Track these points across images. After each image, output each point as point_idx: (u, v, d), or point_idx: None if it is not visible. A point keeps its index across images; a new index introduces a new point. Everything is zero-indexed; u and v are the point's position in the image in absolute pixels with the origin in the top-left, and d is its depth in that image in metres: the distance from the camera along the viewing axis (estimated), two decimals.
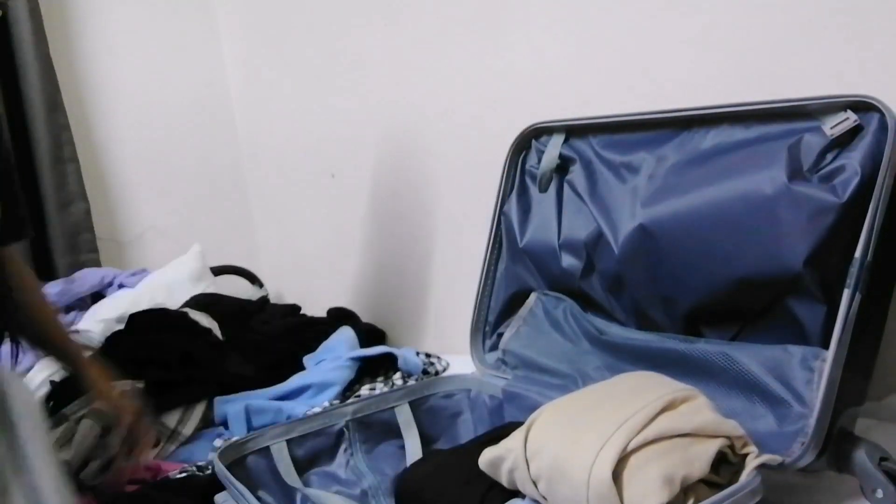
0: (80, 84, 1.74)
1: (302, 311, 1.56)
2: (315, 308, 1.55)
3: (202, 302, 1.44)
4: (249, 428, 1.05)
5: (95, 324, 1.39)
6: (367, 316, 1.52)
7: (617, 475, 0.57)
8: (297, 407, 1.09)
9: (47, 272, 1.72)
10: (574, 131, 0.98)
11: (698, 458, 0.58)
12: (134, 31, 1.81)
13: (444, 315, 1.43)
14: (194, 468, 0.93)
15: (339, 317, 1.46)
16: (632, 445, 0.58)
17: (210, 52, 1.95)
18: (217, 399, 1.12)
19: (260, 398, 1.13)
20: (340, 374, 1.15)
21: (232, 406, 1.09)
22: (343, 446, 0.92)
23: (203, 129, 1.94)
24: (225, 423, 1.09)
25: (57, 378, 1.09)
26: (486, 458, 0.68)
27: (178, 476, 0.91)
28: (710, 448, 0.59)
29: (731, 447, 0.61)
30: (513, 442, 0.66)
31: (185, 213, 1.89)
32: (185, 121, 1.91)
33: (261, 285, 1.79)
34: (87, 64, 1.74)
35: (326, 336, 1.34)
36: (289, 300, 1.85)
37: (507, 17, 1.19)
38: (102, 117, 1.78)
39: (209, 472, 0.90)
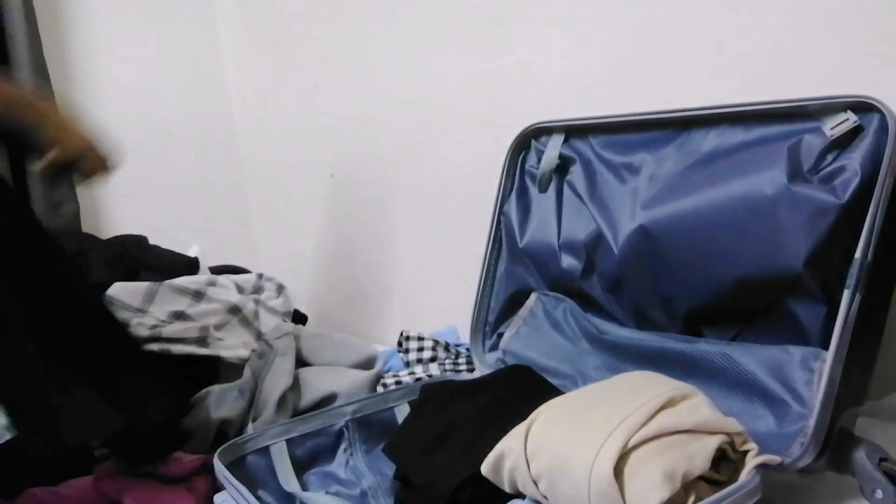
0: (75, 84, 1.73)
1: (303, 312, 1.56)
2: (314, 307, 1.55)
3: None
4: None
5: None
6: (366, 315, 1.52)
7: (618, 472, 0.57)
8: None
9: None
10: (574, 131, 0.98)
11: (699, 454, 0.58)
12: (133, 31, 1.81)
13: (444, 315, 1.43)
14: None
15: None
16: (632, 442, 0.58)
17: (210, 52, 1.95)
18: None
19: None
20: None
21: None
22: (343, 446, 0.91)
23: (202, 129, 1.94)
24: None
25: None
26: (488, 461, 0.68)
27: None
28: (710, 444, 0.59)
29: (731, 444, 0.61)
30: (513, 441, 0.66)
31: (185, 212, 1.89)
32: (184, 121, 1.90)
33: None
34: (83, 63, 1.74)
35: None
36: None
37: (507, 18, 1.20)
38: (101, 118, 1.77)
39: None
